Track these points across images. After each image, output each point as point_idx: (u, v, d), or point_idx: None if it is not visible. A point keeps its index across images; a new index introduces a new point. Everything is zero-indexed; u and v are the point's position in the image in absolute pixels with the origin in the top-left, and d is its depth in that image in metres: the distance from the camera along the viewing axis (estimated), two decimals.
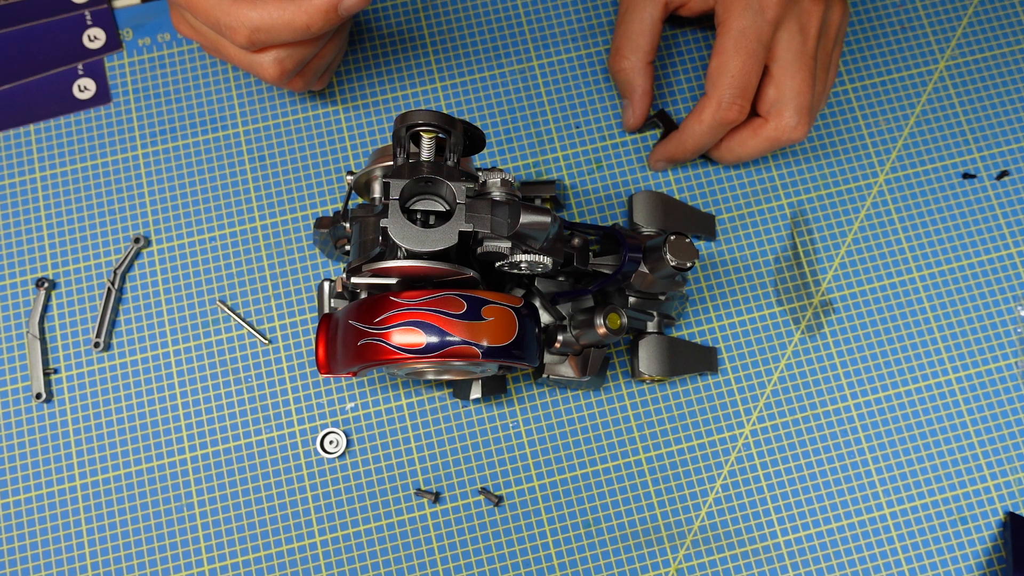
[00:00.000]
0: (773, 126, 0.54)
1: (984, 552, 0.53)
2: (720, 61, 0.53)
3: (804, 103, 0.53)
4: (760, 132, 0.54)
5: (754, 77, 0.52)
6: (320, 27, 0.49)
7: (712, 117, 0.53)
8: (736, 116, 0.53)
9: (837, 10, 0.55)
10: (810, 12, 0.53)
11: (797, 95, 0.53)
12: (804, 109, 0.53)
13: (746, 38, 0.52)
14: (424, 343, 0.43)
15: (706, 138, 0.54)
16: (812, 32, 0.53)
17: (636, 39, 0.56)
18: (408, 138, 0.45)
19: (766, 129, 0.54)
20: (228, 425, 0.55)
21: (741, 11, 0.52)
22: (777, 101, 0.53)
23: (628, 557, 0.53)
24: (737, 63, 0.52)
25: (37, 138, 0.59)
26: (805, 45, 0.53)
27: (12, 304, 0.56)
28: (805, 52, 0.53)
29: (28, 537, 0.53)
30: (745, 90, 0.52)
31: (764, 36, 0.52)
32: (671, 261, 0.48)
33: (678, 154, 0.56)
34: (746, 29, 0.52)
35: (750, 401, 0.56)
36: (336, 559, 0.53)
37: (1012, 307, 0.57)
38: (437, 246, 0.43)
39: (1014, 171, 0.59)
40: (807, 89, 0.53)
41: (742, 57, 0.52)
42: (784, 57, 0.53)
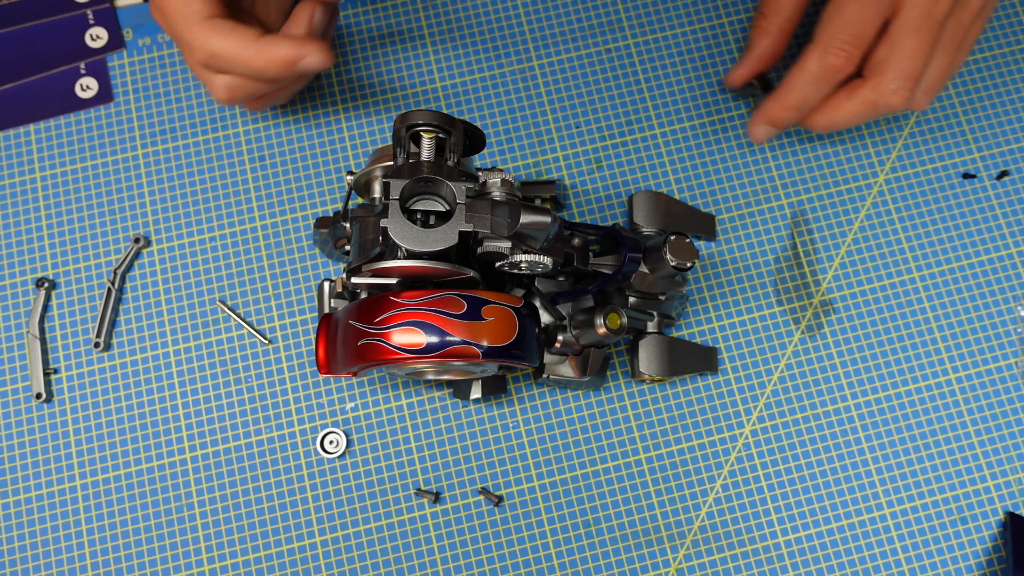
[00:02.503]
0: (871, 86, 0.49)
1: (984, 552, 0.53)
2: (837, 3, 0.48)
3: (912, 69, 0.48)
4: (856, 93, 0.49)
5: (871, 26, 0.47)
6: (276, 75, 0.49)
7: (817, 64, 0.48)
8: (843, 63, 0.48)
9: None
10: None
11: (907, 58, 0.47)
12: (910, 75, 0.48)
13: None
14: (424, 343, 0.43)
15: (810, 91, 0.50)
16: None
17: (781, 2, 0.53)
18: (408, 138, 0.45)
19: (863, 90, 0.49)
20: (228, 425, 0.55)
21: None
22: (883, 60, 0.48)
23: (628, 557, 0.53)
24: (855, 6, 0.47)
25: (38, 138, 0.59)
26: (935, 6, 0.47)
27: (12, 304, 0.56)
28: (932, 15, 0.47)
29: (28, 537, 0.53)
30: (858, 38, 0.47)
31: None
32: (671, 261, 0.48)
33: (778, 111, 0.51)
34: None
35: (750, 401, 0.56)
36: (336, 559, 0.53)
37: (1012, 307, 0.57)
38: (437, 246, 0.43)
39: (1014, 171, 0.59)
40: (920, 54, 0.47)
41: (862, 2, 0.47)
42: (907, 15, 0.47)
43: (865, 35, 0.47)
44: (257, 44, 0.48)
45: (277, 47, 0.48)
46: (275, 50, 0.48)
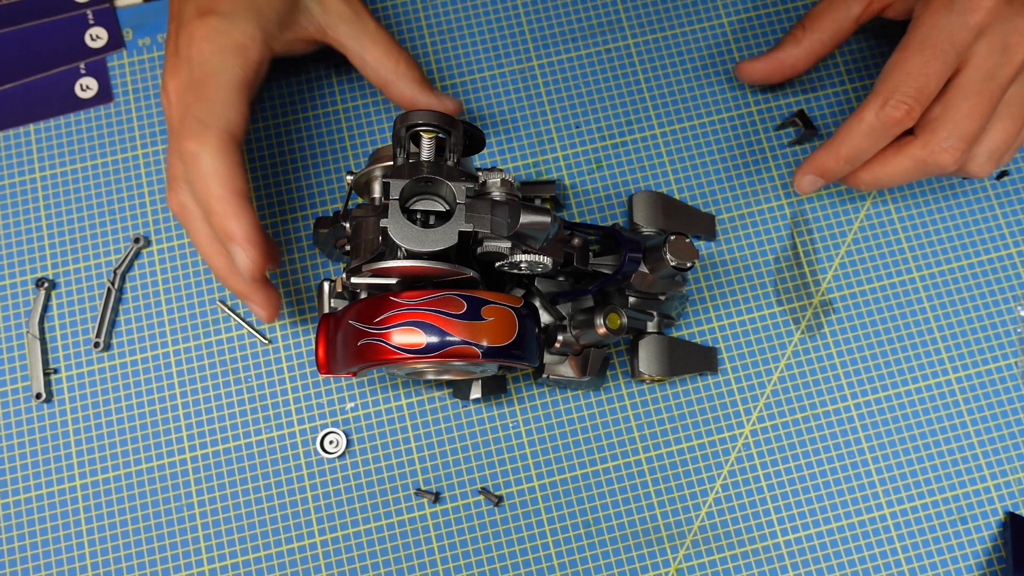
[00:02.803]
0: (921, 143, 0.46)
1: (984, 552, 0.53)
2: (899, 56, 0.46)
3: (966, 129, 0.46)
4: (905, 149, 0.47)
5: (934, 81, 0.45)
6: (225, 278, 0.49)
7: (876, 116, 0.46)
8: (903, 117, 0.46)
9: None
10: (1019, 35, 0.45)
11: (962, 118, 0.45)
12: (963, 135, 0.46)
13: (937, 35, 0.45)
14: (424, 343, 0.43)
15: (864, 143, 0.47)
16: (1016, 59, 0.45)
17: (823, 21, 0.51)
18: (408, 138, 0.45)
19: (912, 146, 0.47)
20: (228, 425, 0.55)
21: (940, 7, 0.45)
22: (937, 118, 0.46)
23: (628, 557, 0.53)
24: (918, 60, 0.45)
25: (38, 138, 0.59)
26: (1000, 69, 0.45)
27: (12, 304, 0.56)
28: (995, 77, 0.45)
29: (28, 537, 0.53)
30: (921, 92, 0.45)
31: (959, 40, 0.45)
32: (671, 261, 0.48)
33: (830, 162, 0.49)
34: (939, 26, 0.45)
35: (750, 401, 0.56)
36: (336, 559, 0.53)
37: (1012, 307, 0.57)
38: (437, 246, 0.43)
39: (1014, 171, 0.59)
40: (977, 115, 0.45)
41: (926, 55, 0.45)
42: (969, 75, 0.45)
43: (927, 90, 0.45)
44: (218, 242, 0.47)
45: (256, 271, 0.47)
46: (238, 266, 0.47)
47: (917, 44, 0.45)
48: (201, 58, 0.48)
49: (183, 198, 0.48)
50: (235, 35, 0.48)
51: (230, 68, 0.48)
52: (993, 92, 0.45)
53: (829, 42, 0.52)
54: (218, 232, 0.46)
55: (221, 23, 0.48)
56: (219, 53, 0.48)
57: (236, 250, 0.46)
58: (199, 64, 0.47)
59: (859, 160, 0.49)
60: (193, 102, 0.47)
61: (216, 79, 0.47)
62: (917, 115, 0.46)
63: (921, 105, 0.45)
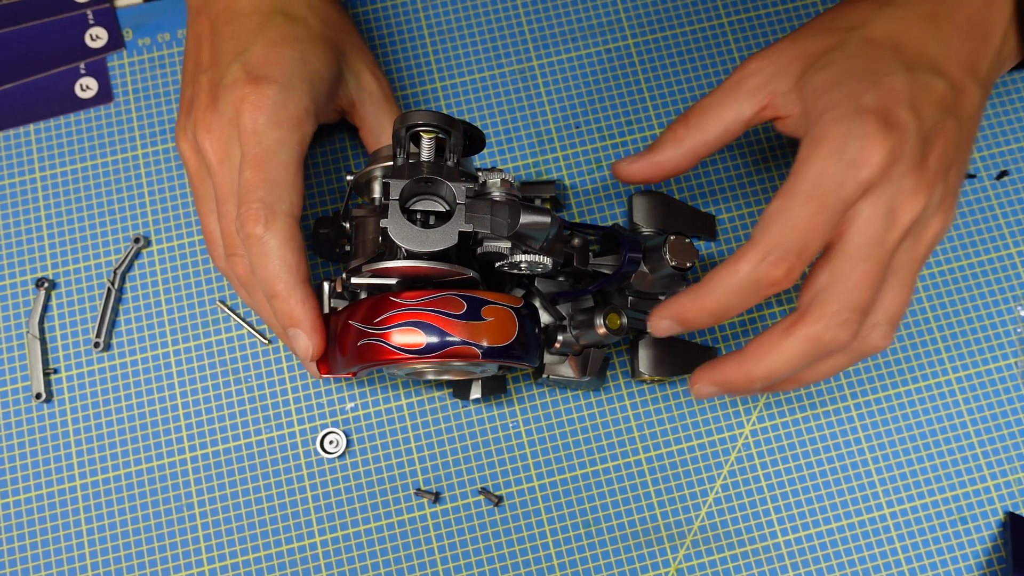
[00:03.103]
0: (813, 319, 0.41)
1: (984, 552, 0.53)
2: (782, 204, 0.41)
3: (860, 300, 0.41)
4: (796, 330, 0.42)
5: (819, 238, 0.41)
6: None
7: (751, 271, 0.41)
8: (781, 277, 0.41)
9: (940, 218, 0.43)
10: (908, 199, 0.41)
11: (855, 287, 0.41)
12: (858, 306, 0.41)
13: (825, 186, 0.40)
14: (424, 343, 0.43)
15: (734, 299, 0.42)
16: (901, 224, 0.41)
17: (709, 121, 0.47)
18: (408, 138, 0.45)
19: (804, 324, 0.41)
20: (228, 425, 0.55)
21: (828, 154, 0.41)
22: (825, 289, 0.41)
23: (628, 557, 0.53)
24: (804, 212, 0.40)
25: (37, 138, 0.59)
26: (887, 234, 0.41)
27: (12, 304, 0.56)
28: (883, 243, 0.41)
29: (28, 537, 0.53)
30: (804, 250, 0.40)
31: (847, 195, 0.40)
32: (671, 261, 0.48)
33: (693, 313, 0.43)
34: (827, 176, 0.40)
35: (750, 401, 0.56)
36: (336, 559, 0.53)
37: (1012, 307, 0.57)
38: (437, 246, 0.43)
39: (1014, 171, 0.59)
40: (869, 284, 0.41)
41: (812, 207, 0.40)
42: (856, 240, 0.41)
43: (811, 247, 0.41)
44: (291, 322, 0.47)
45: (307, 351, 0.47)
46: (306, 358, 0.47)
47: (804, 194, 0.41)
48: (256, 129, 0.46)
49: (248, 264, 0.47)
50: (291, 108, 0.47)
51: (289, 145, 0.46)
52: (882, 258, 0.41)
53: (714, 144, 0.47)
54: (280, 316, 0.46)
55: (278, 95, 0.46)
56: (277, 127, 0.46)
57: (298, 335, 0.46)
58: (254, 136, 0.46)
59: (725, 316, 0.43)
60: (256, 182, 0.45)
61: (277, 158, 0.46)
62: (797, 277, 0.41)
63: (803, 265, 0.41)
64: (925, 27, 0.44)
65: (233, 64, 0.48)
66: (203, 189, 0.50)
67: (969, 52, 0.44)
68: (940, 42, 0.44)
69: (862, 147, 0.41)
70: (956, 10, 0.44)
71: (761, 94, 0.46)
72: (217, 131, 0.47)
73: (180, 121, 0.51)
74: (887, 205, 0.41)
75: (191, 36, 0.52)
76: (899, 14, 0.45)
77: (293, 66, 0.48)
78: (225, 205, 0.48)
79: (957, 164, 0.44)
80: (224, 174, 0.47)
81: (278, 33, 0.49)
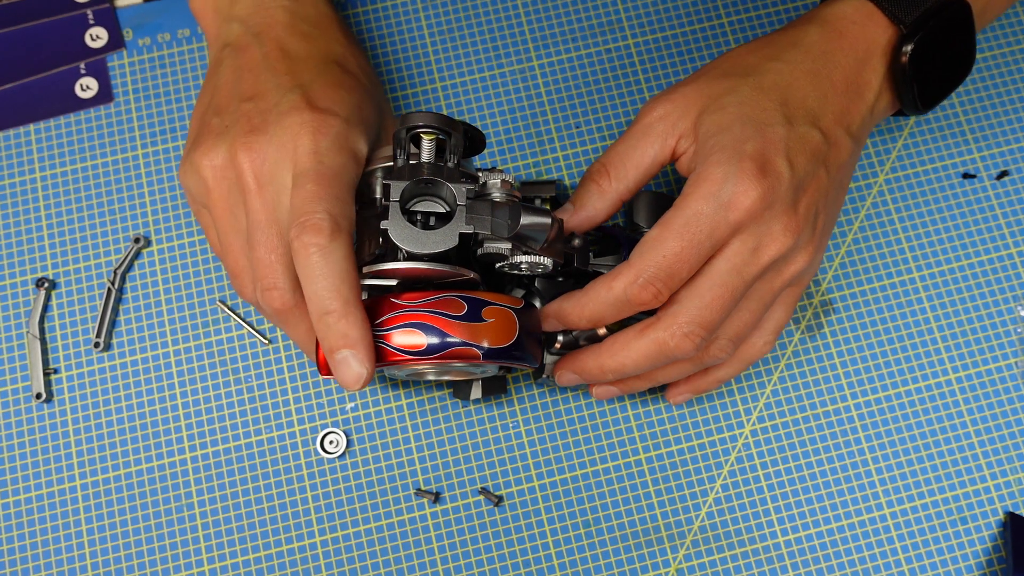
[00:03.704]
0: (663, 325, 0.46)
1: (984, 552, 0.53)
2: (659, 234, 0.45)
3: (706, 318, 0.45)
4: (647, 332, 0.46)
5: (687, 268, 0.45)
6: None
7: (623, 290, 0.45)
8: (649, 299, 0.45)
9: (804, 256, 0.47)
10: (775, 239, 0.45)
11: (704, 307, 0.45)
12: (703, 323, 0.45)
13: (698, 224, 0.44)
14: (425, 344, 0.43)
15: (608, 311, 0.46)
16: (763, 259, 0.45)
17: (626, 169, 0.49)
18: (408, 140, 0.45)
19: (655, 328, 0.46)
20: (228, 425, 0.55)
21: (706, 194, 0.45)
22: (680, 303, 0.46)
23: (628, 557, 0.53)
24: (675, 245, 0.44)
25: (38, 138, 0.59)
26: (747, 267, 0.45)
27: (12, 304, 0.56)
28: (741, 274, 0.45)
29: (28, 537, 0.53)
30: (671, 277, 0.45)
31: (717, 235, 0.45)
32: None
33: (572, 317, 0.48)
34: (702, 215, 0.45)
35: (750, 401, 0.56)
36: (336, 559, 0.53)
37: (1012, 307, 0.57)
38: (438, 248, 0.43)
39: (1014, 171, 0.59)
40: (719, 308, 0.45)
41: (684, 242, 0.44)
42: (719, 267, 0.45)
43: (678, 276, 0.45)
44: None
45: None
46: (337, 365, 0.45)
47: (679, 228, 0.45)
48: (319, 150, 0.45)
49: (289, 298, 0.46)
50: (352, 142, 0.47)
51: (349, 171, 0.46)
52: (737, 287, 0.45)
53: (636, 188, 0.50)
54: (333, 335, 0.43)
55: (341, 126, 0.46)
56: (340, 153, 0.46)
57: (349, 359, 0.44)
58: (315, 155, 0.45)
59: (601, 323, 0.48)
60: (322, 195, 0.44)
61: (342, 179, 0.45)
62: (664, 299, 0.45)
63: (669, 290, 0.45)
64: (808, 82, 0.48)
65: (291, 94, 0.47)
66: (230, 219, 0.48)
67: (843, 107, 0.49)
68: (819, 97, 0.48)
69: (736, 192, 0.44)
70: (835, 70, 0.49)
71: (670, 137, 0.48)
72: (262, 153, 0.46)
73: (203, 146, 0.48)
74: (754, 243, 0.45)
75: (230, 68, 0.50)
76: (786, 69, 0.48)
77: (352, 109, 0.48)
78: (264, 232, 0.46)
79: (825, 211, 0.48)
80: (266, 198, 0.46)
81: (335, 78, 0.49)
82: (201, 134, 0.49)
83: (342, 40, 0.52)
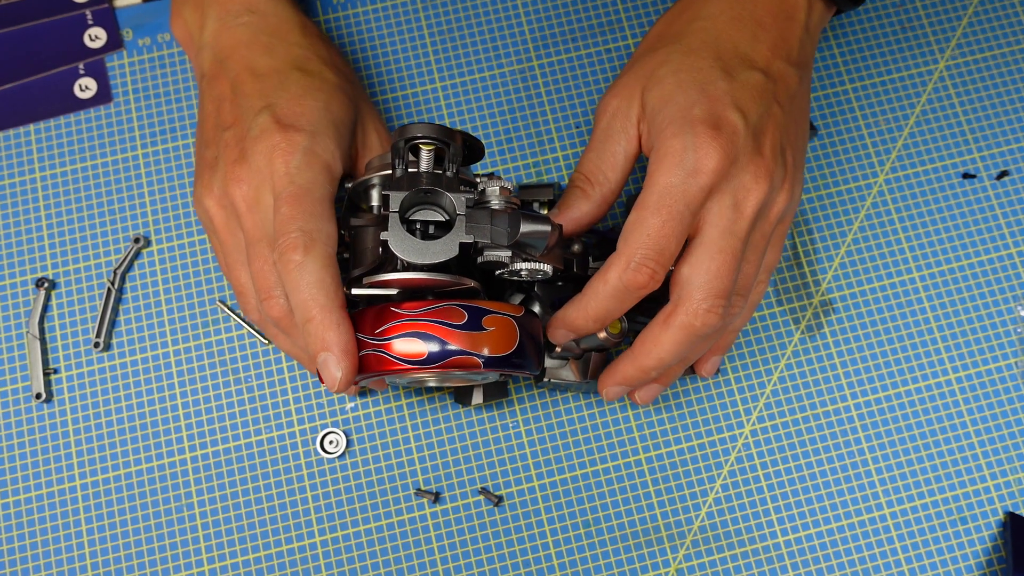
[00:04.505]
0: (683, 310, 0.46)
1: (984, 552, 0.53)
2: (638, 216, 0.45)
3: (719, 287, 0.45)
4: (671, 321, 0.46)
5: (674, 242, 0.45)
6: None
7: (618, 278, 0.45)
8: (646, 280, 0.45)
9: (783, 195, 0.48)
10: (749, 190, 0.46)
11: (713, 278, 0.45)
12: (718, 292, 0.45)
13: (671, 197, 0.45)
14: (426, 353, 0.43)
15: (611, 304, 0.46)
16: (748, 212, 0.46)
17: (603, 171, 0.50)
18: (407, 150, 0.45)
19: (676, 315, 0.46)
20: (228, 425, 0.55)
21: (670, 168, 0.45)
22: (688, 282, 0.46)
23: (628, 557, 0.53)
24: (656, 222, 0.45)
25: (37, 138, 0.59)
26: (736, 224, 0.46)
27: (12, 304, 0.56)
28: (734, 232, 0.46)
29: (28, 537, 0.53)
30: (661, 253, 0.45)
31: (692, 201, 0.45)
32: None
33: (579, 321, 0.48)
34: (672, 187, 0.45)
35: (750, 401, 0.56)
36: (336, 559, 0.53)
37: (1012, 307, 0.57)
38: (438, 258, 0.43)
39: (1014, 171, 0.59)
40: (726, 272, 0.45)
41: (663, 216, 0.45)
42: (709, 234, 0.46)
43: (668, 251, 0.45)
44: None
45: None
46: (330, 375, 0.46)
47: (653, 205, 0.45)
48: (289, 171, 0.47)
49: (284, 305, 0.47)
50: (321, 153, 0.48)
51: (321, 184, 0.47)
52: (735, 247, 0.46)
53: (619, 187, 0.50)
54: (313, 341, 0.45)
55: (307, 141, 0.47)
56: (308, 169, 0.47)
57: (329, 359, 0.45)
58: (287, 177, 0.46)
59: (609, 319, 0.47)
60: (294, 214, 0.45)
61: (312, 194, 0.46)
62: (661, 277, 0.45)
63: (663, 267, 0.45)
64: (734, 28, 0.49)
65: (259, 116, 0.48)
66: (232, 241, 0.50)
67: (775, 40, 0.49)
68: (749, 39, 0.49)
69: (697, 157, 0.45)
70: (756, 7, 0.49)
71: (630, 128, 0.49)
72: (247, 180, 0.48)
73: (203, 180, 0.50)
74: (732, 199, 0.46)
75: (209, 99, 0.52)
76: (709, 24, 0.49)
77: (318, 115, 0.49)
78: (256, 247, 0.47)
79: (791, 145, 0.49)
80: (255, 218, 0.48)
81: (299, 87, 0.50)
82: (200, 167, 0.51)
83: (301, 42, 0.53)
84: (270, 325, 0.50)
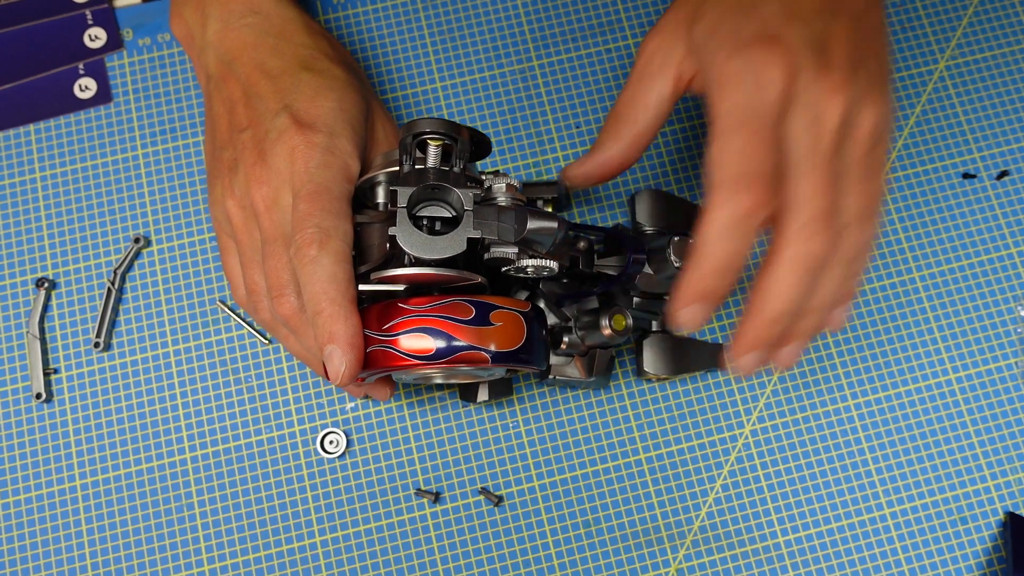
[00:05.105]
0: (786, 243, 0.42)
1: (984, 552, 0.53)
2: (718, 145, 0.42)
3: (821, 207, 0.41)
4: (779, 260, 0.42)
5: (766, 157, 0.41)
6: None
7: (728, 211, 0.41)
8: (756, 201, 0.40)
9: (869, 111, 0.43)
10: (824, 103, 0.42)
11: (811, 198, 0.41)
12: (822, 214, 0.41)
13: (742, 113, 0.41)
14: (433, 349, 0.43)
15: (731, 245, 0.41)
16: (829, 126, 0.42)
17: (636, 111, 0.48)
18: (414, 145, 0.45)
19: (783, 251, 0.42)
20: (228, 425, 0.55)
21: (734, 87, 0.42)
22: (787, 209, 0.42)
23: (628, 557, 0.53)
24: (739, 141, 0.41)
25: (37, 138, 0.59)
26: (820, 141, 0.42)
27: (12, 304, 0.56)
28: (820, 149, 0.42)
29: (28, 537, 0.53)
30: (759, 172, 0.41)
31: (765, 114, 0.41)
32: (675, 263, 0.48)
33: (705, 281, 0.42)
34: (740, 104, 0.42)
35: (750, 401, 0.56)
36: (336, 559, 0.53)
37: (1012, 307, 0.57)
38: (445, 253, 0.43)
39: (1014, 171, 0.59)
40: (823, 190, 0.41)
41: (744, 134, 0.41)
42: (795, 155, 0.42)
43: (763, 169, 0.41)
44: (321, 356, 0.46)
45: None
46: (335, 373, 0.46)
47: (730, 128, 0.41)
48: (308, 170, 0.47)
49: (295, 303, 0.48)
50: (338, 152, 0.48)
51: (339, 183, 0.47)
52: (824, 164, 0.42)
53: (651, 129, 0.48)
54: (320, 334, 0.45)
55: (325, 140, 0.48)
56: (327, 168, 0.47)
57: (335, 352, 0.44)
58: (306, 175, 0.47)
59: (737, 266, 0.42)
60: (311, 211, 0.46)
61: (330, 192, 0.47)
62: (767, 198, 0.41)
63: (764, 186, 0.41)
64: None
65: (278, 118, 0.49)
66: (249, 241, 0.50)
67: None
68: None
69: (758, 73, 0.42)
70: None
71: (669, 69, 0.47)
72: (267, 181, 0.48)
73: (223, 182, 0.50)
74: (810, 115, 0.42)
75: (219, 101, 0.52)
76: None
77: (334, 115, 0.49)
78: (272, 246, 0.48)
79: (868, 59, 0.44)
80: (273, 218, 0.48)
81: (311, 87, 0.50)
82: (217, 168, 0.51)
83: (306, 42, 0.52)
84: (279, 325, 0.50)
